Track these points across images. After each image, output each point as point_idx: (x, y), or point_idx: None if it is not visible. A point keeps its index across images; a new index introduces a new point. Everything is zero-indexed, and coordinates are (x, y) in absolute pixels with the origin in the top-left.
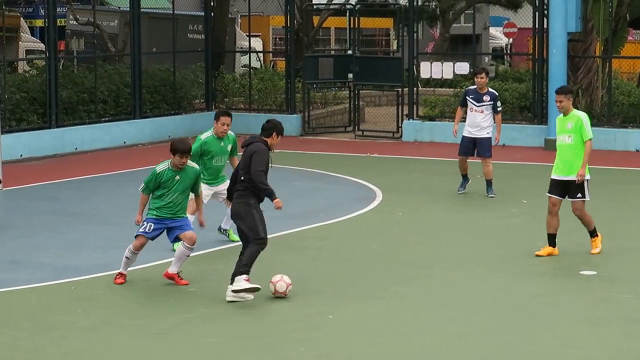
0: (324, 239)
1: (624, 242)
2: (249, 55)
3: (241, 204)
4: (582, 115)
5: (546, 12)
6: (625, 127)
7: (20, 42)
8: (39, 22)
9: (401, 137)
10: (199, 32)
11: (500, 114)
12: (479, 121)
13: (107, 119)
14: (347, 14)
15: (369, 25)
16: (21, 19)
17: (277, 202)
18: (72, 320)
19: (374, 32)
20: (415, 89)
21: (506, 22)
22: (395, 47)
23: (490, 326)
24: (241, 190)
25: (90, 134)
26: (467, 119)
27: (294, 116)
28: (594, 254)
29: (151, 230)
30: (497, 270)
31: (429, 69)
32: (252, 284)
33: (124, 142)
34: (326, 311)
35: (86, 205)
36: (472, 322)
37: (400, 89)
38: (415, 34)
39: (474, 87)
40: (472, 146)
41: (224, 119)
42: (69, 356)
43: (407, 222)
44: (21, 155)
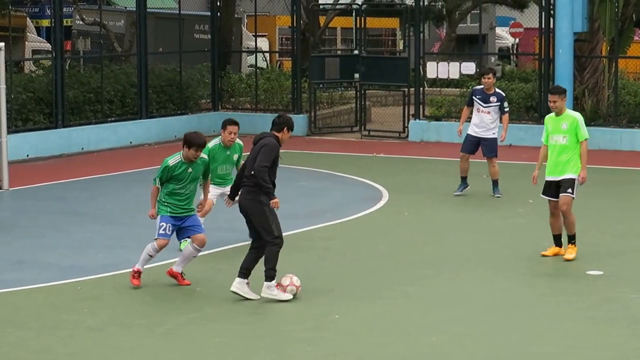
0: (330, 239)
1: (631, 242)
2: (255, 55)
3: (251, 201)
4: (577, 115)
5: (552, 12)
6: (631, 127)
7: (26, 42)
8: (46, 22)
9: (407, 137)
10: (205, 32)
11: (507, 114)
12: (487, 122)
13: (113, 119)
14: (354, 14)
15: (375, 25)
16: (27, 19)
17: (274, 203)
18: (79, 320)
19: (380, 32)
20: (421, 89)
21: (512, 22)
22: (401, 47)
23: (496, 326)
24: (250, 186)
25: (96, 134)
26: (473, 118)
27: (300, 116)
28: (568, 260)
29: (170, 231)
30: (504, 270)
31: (435, 69)
32: (286, 294)
33: (130, 142)
34: (333, 311)
35: (92, 205)
36: (479, 322)
37: (406, 89)
38: (421, 34)
39: (481, 87)
40: (476, 146)
41: (231, 128)
42: (75, 356)
43: (413, 222)
44: (27, 155)
